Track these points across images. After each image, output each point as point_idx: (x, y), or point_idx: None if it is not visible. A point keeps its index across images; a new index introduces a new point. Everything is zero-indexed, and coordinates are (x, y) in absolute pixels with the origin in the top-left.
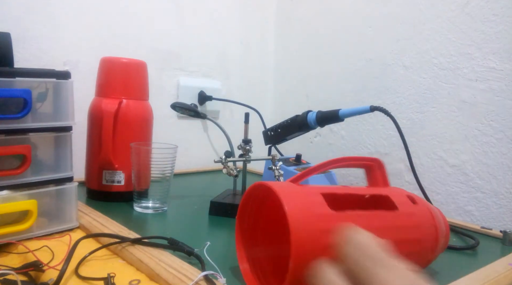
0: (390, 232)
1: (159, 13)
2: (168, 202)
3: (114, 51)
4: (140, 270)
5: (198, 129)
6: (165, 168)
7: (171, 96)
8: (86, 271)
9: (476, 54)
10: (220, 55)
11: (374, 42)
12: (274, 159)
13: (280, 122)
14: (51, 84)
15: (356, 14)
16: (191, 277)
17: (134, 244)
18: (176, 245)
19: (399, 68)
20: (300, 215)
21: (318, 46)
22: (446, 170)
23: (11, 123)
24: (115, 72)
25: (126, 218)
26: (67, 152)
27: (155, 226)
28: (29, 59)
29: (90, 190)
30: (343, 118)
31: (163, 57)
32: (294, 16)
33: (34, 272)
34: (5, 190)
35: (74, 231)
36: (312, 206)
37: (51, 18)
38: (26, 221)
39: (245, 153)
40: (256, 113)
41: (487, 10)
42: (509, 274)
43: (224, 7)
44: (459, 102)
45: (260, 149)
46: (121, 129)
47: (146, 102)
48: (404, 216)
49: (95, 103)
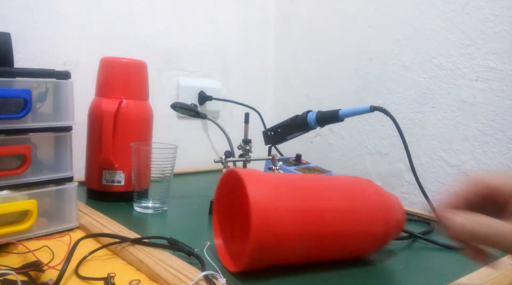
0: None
1: (159, 13)
2: (168, 202)
3: (114, 51)
4: (140, 270)
5: (198, 129)
6: (165, 168)
7: (171, 96)
8: (86, 271)
9: (476, 54)
10: (220, 55)
11: (374, 42)
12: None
13: (280, 122)
14: (51, 84)
15: (356, 14)
16: (191, 277)
17: (134, 244)
18: (176, 245)
19: (399, 68)
20: (259, 192)
21: (318, 46)
22: (446, 170)
23: (11, 123)
24: (115, 72)
25: (126, 218)
26: (67, 152)
27: (155, 226)
28: (29, 59)
29: (90, 190)
30: (343, 118)
31: (163, 57)
32: (294, 16)
33: (34, 272)
34: (5, 190)
35: (74, 231)
36: (272, 187)
37: (51, 18)
38: (26, 221)
39: (245, 153)
40: (256, 113)
41: (487, 10)
42: (509, 274)
43: (224, 7)
44: (459, 102)
45: (260, 149)
46: (121, 129)
47: (146, 102)
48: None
49: (95, 103)
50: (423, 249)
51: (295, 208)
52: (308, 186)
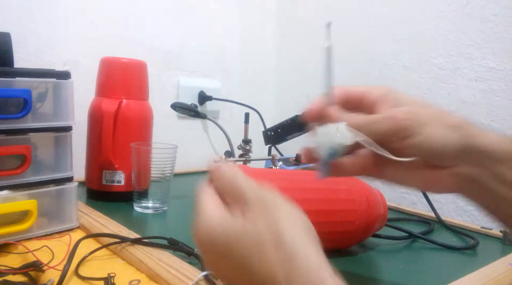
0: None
1: (159, 13)
2: (168, 202)
3: (114, 51)
4: (140, 270)
5: (198, 129)
6: (165, 168)
7: (171, 96)
8: (86, 271)
9: (476, 54)
10: (220, 55)
11: (374, 42)
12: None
13: (280, 122)
14: (51, 84)
15: (356, 14)
16: (191, 277)
17: (134, 244)
18: (176, 245)
19: (399, 68)
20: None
21: (318, 46)
22: None
23: (11, 123)
24: (115, 72)
25: (126, 218)
26: (67, 152)
27: (155, 226)
28: (29, 59)
29: (90, 190)
30: None
31: (163, 57)
32: (294, 16)
33: (34, 272)
34: (5, 190)
35: (74, 231)
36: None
37: (51, 18)
38: (26, 221)
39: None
40: (256, 113)
41: (487, 10)
42: (509, 274)
43: (224, 7)
44: (459, 102)
45: (260, 149)
46: (121, 129)
47: (146, 102)
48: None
49: (95, 103)
50: (423, 249)
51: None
52: (291, 179)
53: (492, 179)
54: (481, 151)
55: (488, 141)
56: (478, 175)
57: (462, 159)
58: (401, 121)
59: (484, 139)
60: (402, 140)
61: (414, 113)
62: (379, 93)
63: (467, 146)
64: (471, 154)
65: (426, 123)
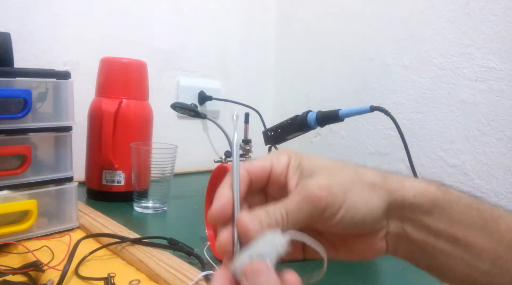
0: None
1: (159, 13)
2: (168, 202)
3: (114, 51)
4: (140, 270)
5: (198, 129)
6: (165, 168)
7: (171, 96)
8: (86, 271)
9: (476, 54)
10: (220, 55)
11: (374, 42)
12: None
13: (280, 122)
14: (51, 84)
15: (356, 14)
16: (191, 277)
17: (134, 244)
18: (176, 245)
19: (399, 68)
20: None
21: (318, 46)
22: (446, 170)
23: (11, 123)
24: (115, 72)
25: (126, 218)
26: (67, 152)
27: (155, 226)
28: (29, 59)
29: (90, 190)
30: (343, 118)
31: (163, 57)
32: (294, 16)
33: (34, 272)
34: (5, 190)
35: (74, 231)
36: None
37: (51, 18)
38: (26, 221)
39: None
40: (256, 113)
41: (487, 10)
42: None
43: (224, 7)
44: (459, 102)
45: (260, 149)
46: (121, 129)
47: (146, 102)
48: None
49: (95, 103)
50: None
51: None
52: None
53: (424, 233)
54: (405, 207)
55: (411, 193)
56: (408, 231)
57: (389, 218)
58: (319, 201)
59: (407, 192)
60: (325, 222)
61: (328, 185)
62: (284, 163)
63: (391, 204)
64: (396, 211)
65: (344, 192)
